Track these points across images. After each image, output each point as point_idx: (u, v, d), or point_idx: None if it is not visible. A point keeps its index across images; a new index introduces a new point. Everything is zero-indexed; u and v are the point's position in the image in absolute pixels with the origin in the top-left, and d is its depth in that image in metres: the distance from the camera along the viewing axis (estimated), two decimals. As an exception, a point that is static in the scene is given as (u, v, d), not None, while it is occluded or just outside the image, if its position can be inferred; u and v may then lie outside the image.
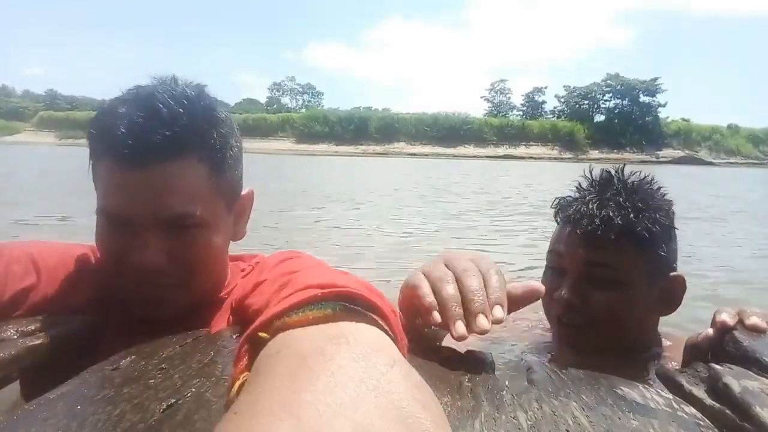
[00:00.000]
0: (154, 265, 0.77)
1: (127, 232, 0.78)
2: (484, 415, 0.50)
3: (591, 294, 1.16)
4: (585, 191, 1.25)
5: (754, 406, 0.54)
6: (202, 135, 0.79)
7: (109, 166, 0.77)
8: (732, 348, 0.76)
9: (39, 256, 0.84)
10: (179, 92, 0.78)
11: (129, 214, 0.77)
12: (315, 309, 0.40)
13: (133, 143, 0.74)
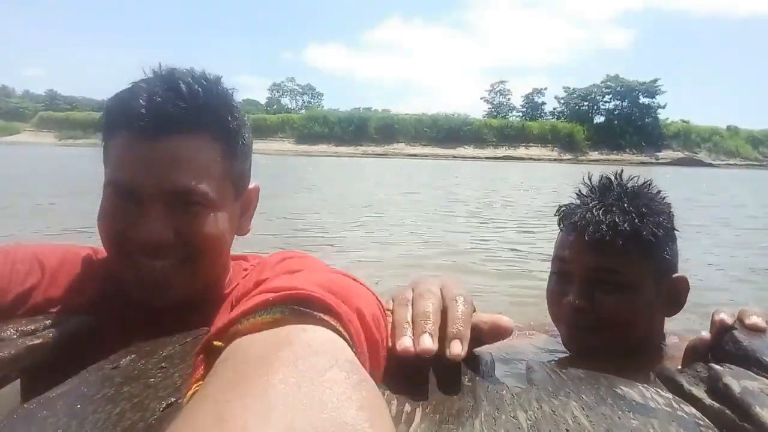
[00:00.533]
0: (159, 238, 0.77)
1: (132, 207, 0.78)
2: (484, 415, 0.50)
3: (600, 298, 1.17)
4: (587, 197, 1.26)
5: (754, 406, 0.54)
6: (218, 115, 0.81)
7: (123, 138, 0.78)
8: (732, 348, 0.76)
9: (42, 257, 0.85)
10: (199, 74, 0.81)
11: (137, 184, 0.77)
12: (265, 314, 0.39)
13: (148, 114, 0.75)
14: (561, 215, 1.29)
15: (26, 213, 6.63)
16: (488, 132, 74.48)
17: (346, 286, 0.52)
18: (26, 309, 0.81)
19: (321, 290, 0.43)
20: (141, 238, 0.77)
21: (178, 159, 0.77)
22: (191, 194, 0.78)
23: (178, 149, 0.77)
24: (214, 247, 0.84)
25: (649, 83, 77.65)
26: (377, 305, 0.58)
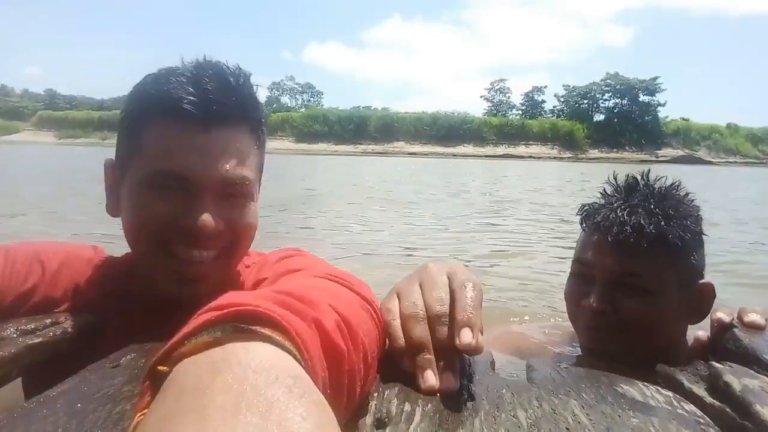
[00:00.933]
0: (213, 229, 0.77)
1: (181, 196, 0.77)
2: (484, 414, 0.50)
3: (621, 302, 1.13)
4: (611, 197, 1.21)
5: (755, 405, 0.54)
6: (256, 109, 0.84)
7: (171, 125, 0.77)
8: (732, 346, 0.76)
9: (44, 257, 0.85)
10: (238, 68, 0.82)
11: (190, 173, 0.76)
12: (206, 334, 0.38)
13: (201, 103, 0.76)
14: (583, 215, 1.24)
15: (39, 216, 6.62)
16: (488, 130, 74.43)
17: (313, 294, 0.50)
18: (27, 309, 0.81)
19: (270, 303, 0.42)
20: (196, 227, 0.76)
21: (231, 149, 0.79)
22: (241, 184, 0.80)
23: (230, 139, 0.79)
24: (251, 237, 0.86)
25: (649, 81, 77.56)
26: (360, 309, 0.57)
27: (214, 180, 0.77)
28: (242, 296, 0.43)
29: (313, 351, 0.41)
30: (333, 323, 0.47)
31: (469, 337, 0.56)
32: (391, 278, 3.78)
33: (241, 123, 0.81)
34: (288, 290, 0.48)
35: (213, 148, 0.77)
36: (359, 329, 0.52)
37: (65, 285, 0.85)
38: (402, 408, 0.50)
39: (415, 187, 14.54)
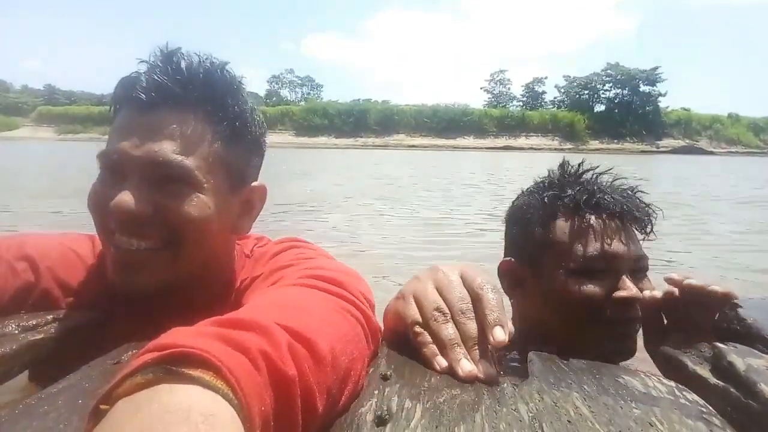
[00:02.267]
0: (134, 210, 0.72)
1: (114, 178, 0.75)
2: (485, 408, 0.50)
3: (639, 287, 1.07)
4: (558, 184, 1.17)
5: (759, 384, 0.54)
6: (216, 95, 0.79)
7: (123, 112, 0.77)
8: (736, 326, 0.75)
9: (38, 253, 0.83)
10: (204, 57, 0.79)
11: (120, 155, 0.74)
12: (140, 376, 0.39)
13: (145, 86, 0.75)
14: (561, 201, 1.15)
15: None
16: (488, 122, 74.20)
17: (267, 315, 0.50)
18: (27, 306, 0.80)
19: (208, 341, 0.42)
20: (115, 208, 0.72)
21: (164, 131, 0.75)
22: (173, 168, 0.74)
23: (165, 121, 0.75)
24: (197, 232, 0.78)
25: (650, 71, 77.18)
26: (333, 314, 0.59)
27: (140, 160, 0.73)
28: (183, 335, 0.43)
29: (249, 387, 0.41)
30: (282, 348, 0.46)
31: (502, 333, 0.59)
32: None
33: (189, 107, 0.77)
34: (238, 318, 0.48)
35: (146, 130, 0.74)
36: (323, 339, 0.52)
37: (64, 282, 0.84)
38: (403, 405, 0.50)
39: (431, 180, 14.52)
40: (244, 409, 0.39)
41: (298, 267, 0.76)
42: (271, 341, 0.46)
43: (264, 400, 0.42)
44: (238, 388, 0.40)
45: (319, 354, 0.50)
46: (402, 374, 0.56)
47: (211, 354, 0.40)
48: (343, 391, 0.54)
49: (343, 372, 0.54)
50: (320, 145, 64.99)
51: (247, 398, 0.40)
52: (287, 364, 0.46)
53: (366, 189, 10.95)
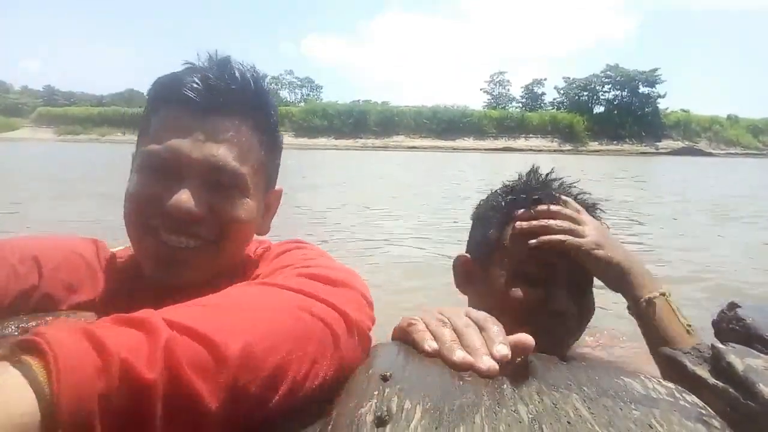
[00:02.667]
0: (193, 211, 0.76)
1: (170, 179, 0.78)
2: (485, 410, 0.50)
3: (580, 300, 1.11)
4: (519, 189, 1.20)
5: (758, 384, 0.54)
6: (263, 107, 0.86)
7: (170, 111, 0.79)
8: (735, 326, 0.76)
9: (41, 256, 0.83)
10: (251, 67, 0.85)
11: (179, 156, 0.77)
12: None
13: (201, 89, 0.78)
14: (505, 204, 1.18)
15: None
16: (488, 123, 74.12)
17: (158, 320, 0.51)
18: (27, 309, 0.79)
19: (65, 334, 0.43)
20: (174, 208, 0.76)
21: (225, 137, 0.79)
22: (231, 174, 0.79)
23: (225, 128, 0.80)
24: (241, 234, 0.85)
25: (649, 73, 77.18)
26: (288, 320, 0.59)
27: (200, 164, 0.77)
28: (57, 327, 0.45)
29: (72, 378, 0.41)
30: (153, 350, 0.46)
31: (506, 349, 0.59)
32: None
33: (241, 115, 0.82)
34: (133, 317, 0.50)
35: (204, 133, 0.78)
36: (236, 339, 0.52)
37: (66, 284, 0.84)
38: (402, 406, 0.50)
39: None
40: (54, 396, 0.39)
41: (295, 267, 0.76)
42: (147, 341, 0.47)
43: (90, 395, 0.42)
44: (54, 378, 0.39)
45: (221, 354, 0.50)
46: (402, 375, 0.56)
47: (50, 346, 0.41)
48: (271, 390, 0.54)
49: (269, 371, 0.53)
50: (320, 146, 64.93)
51: (62, 387, 0.39)
52: (151, 366, 0.45)
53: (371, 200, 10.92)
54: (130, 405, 0.44)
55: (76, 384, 0.41)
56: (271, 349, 0.54)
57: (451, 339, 0.63)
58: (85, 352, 0.43)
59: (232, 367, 0.50)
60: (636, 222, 7.27)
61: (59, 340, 0.42)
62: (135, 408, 0.45)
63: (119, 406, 0.43)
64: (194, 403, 0.48)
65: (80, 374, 0.41)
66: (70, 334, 0.44)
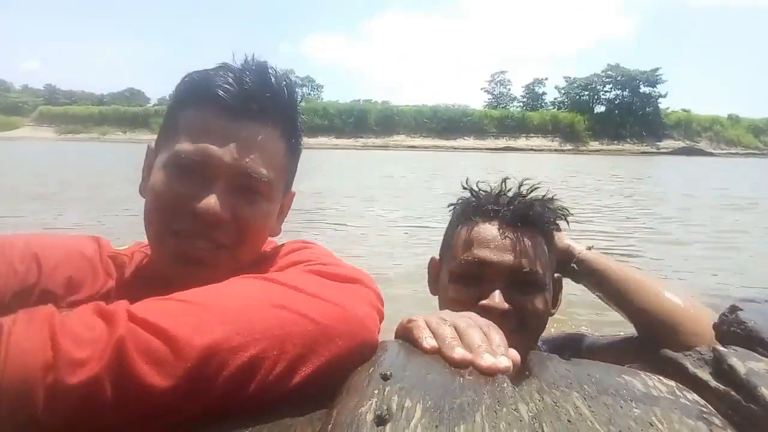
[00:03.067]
0: (219, 216, 0.77)
1: (196, 179, 0.78)
2: (485, 408, 0.50)
3: (519, 300, 1.10)
4: (486, 192, 1.22)
5: (760, 387, 0.54)
6: (292, 115, 0.87)
7: (202, 111, 0.80)
8: (737, 329, 0.76)
9: (41, 253, 0.82)
10: (285, 73, 0.85)
11: (210, 158, 0.78)
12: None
13: (238, 94, 0.79)
14: (463, 208, 1.21)
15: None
16: (488, 123, 74.08)
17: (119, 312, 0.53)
18: (29, 305, 0.75)
19: (24, 316, 0.48)
20: (202, 211, 0.77)
21: (256, 144, 0.80)
22: (258, 180, 0.81)
23: (257, 135, 0.81)
24: (261, 238, 0.86)
25: (650, 72, 77.11)
26: (268, 318, 0.58)
27: (230, 169, 0.78)
28: (31, 312, 0.49)
29: (14, 368, 0.43)
30: (102, 345, 0.48)
31: (507, 361, 0.59)
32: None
33: (273, 122, 0.83)
34: (103, 309, 0.53)
35: (236, 138, 0.79)
36: (203, 336, 0.53)
37: (66, 280, 0.83)
38: (403, 404, 0.50)
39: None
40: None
41: (302, 263, 0.76)
42: (104, 333, 0.49)
43: (35, 387, 0.44)
44: (2, 351, 0.43)
45: (180, 348, 0.51)
46: (402, 374, 0.56)
47: (4, 335, 0.44)
48: (239, 388, 0.55)
49: (235, 369, 0.54)
50: (320, 145, 64.94)
51: (6, 376, 0.43)
52: (100, 358, 0.48)
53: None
54: (75, 396, 0.46)
55: (21, 373, 0.43)
56: (241, 347, 0.54)
57: (452, 337, 0.63)
58: (40, 343, 0.45)
59: (191, 360, 0.51)
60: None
61: (21, 329, 0.46)
62: (82, 399, 0.46)
63: (65, 397, 0.45)
64: (146, 393, 0.49)
65: (27, 364, 0.43)
66: (32, 323, 0.47)
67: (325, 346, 0.61)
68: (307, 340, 0.60)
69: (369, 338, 0.66)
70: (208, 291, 0.62)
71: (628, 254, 5.07)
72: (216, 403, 0.54)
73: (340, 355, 0.62)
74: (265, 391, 0.57)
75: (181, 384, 0.50)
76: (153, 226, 0.82)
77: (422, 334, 0.65)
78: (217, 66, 0.84)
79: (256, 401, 0.56)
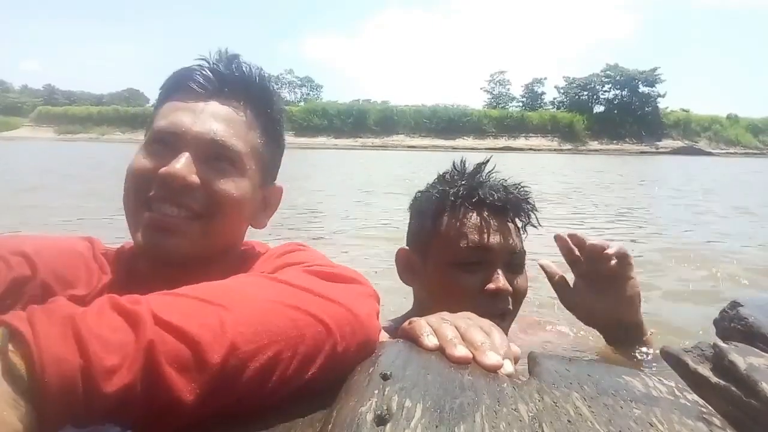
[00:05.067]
0: (185, 179, 0.80)
1: (167, 151, 0.82)
2: (485, 408, 0.50)
3: (513, 280, 1.18)
4: (455, 179, 1.26)
5: (760, 383, 0.54)
6: (265, 98, 0.92)
7: (178, 98, 0.86)
8: (738, 325, 0.76)
9: (34, 251, 0.82)
10: (259, 67, 0.92)
11: (177, 130, 0.82)
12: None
13: (209, 75, 0.86)
14: (442, 197, 1.23)
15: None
16: (488, 122, 74.13)
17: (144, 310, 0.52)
18: (22, 302, 0.78)
19: (40, 316, 0.46)
20: (166, 174, 0.79)
21: (222, 116, 0.85)
22: (226, 149, 0.84)
23: (223, 108, 0.86)
24: (231, 210, 0.86)
25: (649, 72, 77.19)
26: (269, 315, 0.58)
27: (197, 137, 0.82)
28: (47, 308, 0.48)
29: (51, 365, 0.43)
30: (131, 351, 0.48)
31: (511, 366, 0.60)
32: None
33: (242, 101, 0.88)
34: (126, 308, 0.52)
35: (204, 111, 0.84)
36: (220, 349, 0.53)
37: (60, 277, 0.83)
38: (403, 404, 0.50)
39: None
40: (31, 372, 0.43)
41: (299, 264, 0.77)
42: (131, 339, 0.49)
43: (75, 390, 0.44)
44: (36, 360, 0.43)
45: (205, 355, 0.52)
46: (402, 374, 0.57)
47: (32, 331, 0.44)
48: (255, 389, 0.55)
49: (253, 372, 0.55)
50: (320, 145, 64.92)
51: (44, 368, 0.43)
52: (132, 366, 0.48)
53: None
54: (111, 402, 0.46)
55: (61, 380, 0.44)
56: (258, 350, 0.55)
57: (454, 335, 0.64)
58: (69, 348, 0.45)
59: (214, 367, 0.52)
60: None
61: (44, 333, 0.45)
62: (116, 403, 0.47)
63: (101, 403, 0.46)
64: (173, 397, 0.50)
65: (64, 372, 0.44)
66: (52, 324, 0.46)
67: (332, 346, 0.61)
68: (317, 340, 0.60)
69: (371, 337, 0.67)
70: (223, 289, 0.61)
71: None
72: (232, 403, 0.55)
73: (346, 354, 0.63)
74: (278, 391, 0.57)
75: (203, 387, 0.51)
76: (128, 204, 0.85)
77: (424, 332, 0.65)
78: (195, 60, 0.89)
79: (269, 402, 0.57)
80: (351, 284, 0.72)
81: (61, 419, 0.44)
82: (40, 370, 0.43)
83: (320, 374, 0.60)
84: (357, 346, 0.64)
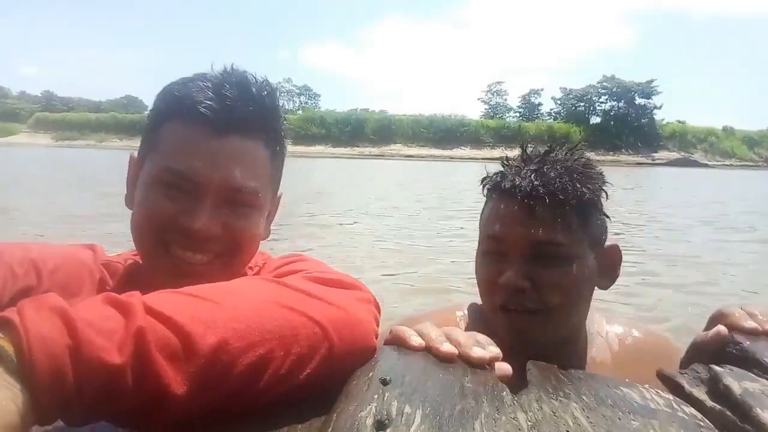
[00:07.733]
0: (208, 232, 0.78)
1: (185, 197, 0.79)
2: (484, 416, 0.50)
3: (540, 275, 1.03)
4: (515, 164, 1.14)
5: (755, 408, 0.54)
6: (275, 123, 0.87)
7: (184, 127, 0.80)
8: (733, 349, 0.76)
9: (39, 259, 0.82)
10: (265, 80, 0.85)
11: (198, 175, 0.79)
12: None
13: (220, 109, 0.79)
14: (488, 185, 1.16)
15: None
16: (485, 133, 74.45)
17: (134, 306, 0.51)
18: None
19: (42, 313, 0.46)
20: (193, 228, 0.78)
21: (241, 158, 0.81)
22: (247, 193, 0.82)
23: (242, 148, 0.82)
24: (252, 248, 0.87)
25: (645, 84, 77.80)
26: (262, 319, 0.58)
27: (219, 185, 0.79)
28: (39, 301, 0.47)
29: (42, 358, 0.43)
30: (123, 334, 0.48)
31: (497, 348, 0.64)
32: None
33: (256, 133, 0.83)
34: (120, 300, 0.52)
35: (223, 154, 0.80)
36: (213, 333, 0.53)
37: (64, 285, 0.82)
38: (402, 410, 0.50)
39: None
40: (19, 368, 0.43)
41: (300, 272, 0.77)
42: (122, 325, 0.49)
43: (64, 369, 0.44)
44: (26, 352, 0.43)
45: (193, 344, 0.52)
46: (402, 379, 0.57)
47: (22, 322, 0.44)
48: (245, 385, 0.56)
49: (243, 368, 0.55)
50: (317, 154, 65.00)
51: (31, 347, 0.43)
52: (122, 349, 0.48)
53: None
54: (101, 381, 0.46)
55: (49, 358, 0.43)
56: (250, 347, 0.55)
57: (437, 334, 0.65)
58: (56, 328, 0.45)
59: (202, 358, 0.52)
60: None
61: (36, 322, 0.44)
62: (106, 384, 0.47)
63: (91, 382, 0.46)
64: (162, 386, 0.50)
65: (52, 350, 0.44)
66: (40, 311, 0.46)
67: (328, 348, 0.62)
68: (312, 341, 0.60)
69: (369, 342, 0.68)
70: (219, 288, 0.62)
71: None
72: (224, 399, 0.55)
73: (343, 357, 0.63)
74: (270, 390, 0.58)
75: (192, 380, 0.51)
76: (145, 245, 0.83)
77: (408, 334, 0.67)
78: (194, 76, 0.83)
79: (261, 400, 0.58)
80: (351, 290, 0.72)
81: (52, 402, 0.44)
82: (27, 349, 0.43)
83: (317, 376, 0.60)
84: (355, 349, 0.65)
